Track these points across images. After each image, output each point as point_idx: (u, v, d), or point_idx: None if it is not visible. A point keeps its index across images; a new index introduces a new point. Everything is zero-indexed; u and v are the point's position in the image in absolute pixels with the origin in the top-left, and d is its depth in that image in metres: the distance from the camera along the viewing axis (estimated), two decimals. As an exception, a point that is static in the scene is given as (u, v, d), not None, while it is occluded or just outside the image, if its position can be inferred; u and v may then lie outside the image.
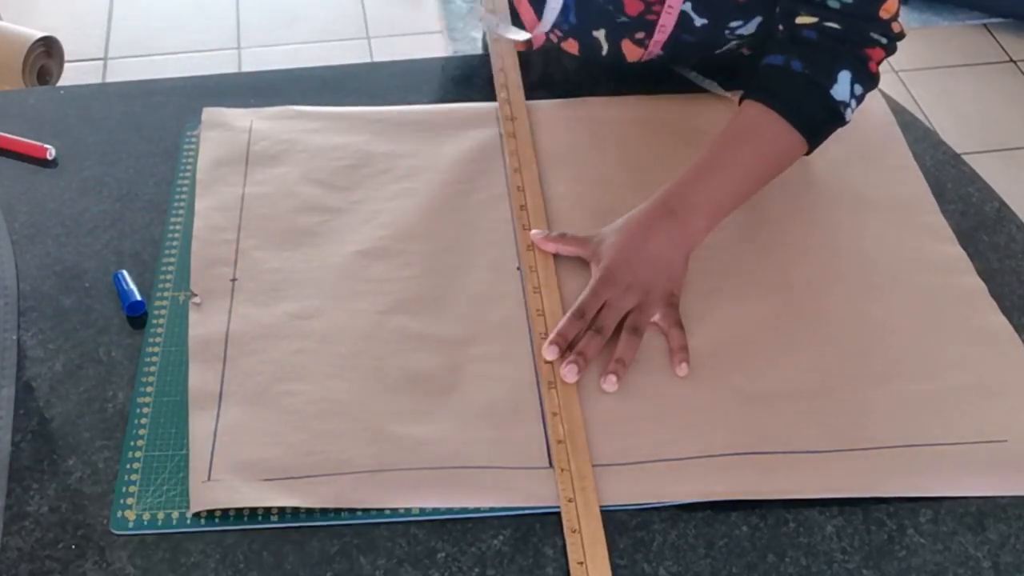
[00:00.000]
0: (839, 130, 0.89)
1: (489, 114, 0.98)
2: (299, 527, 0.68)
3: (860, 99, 0.87)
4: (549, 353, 0.77)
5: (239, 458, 0.70)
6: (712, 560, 0.67)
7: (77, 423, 0.73)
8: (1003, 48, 2.47)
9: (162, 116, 0.99)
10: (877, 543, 0.67)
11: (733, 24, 0.94)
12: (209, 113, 0.98)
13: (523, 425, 0.73)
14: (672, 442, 0.72)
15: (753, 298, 0.82)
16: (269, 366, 0.76)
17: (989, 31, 2.52)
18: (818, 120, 0.86)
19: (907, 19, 2.46)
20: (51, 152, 0.94)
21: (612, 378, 0.75)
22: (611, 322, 0.78)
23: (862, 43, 0.85)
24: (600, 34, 0.98)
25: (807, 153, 0.88)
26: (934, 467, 0.71)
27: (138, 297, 0.80)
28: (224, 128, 0.96)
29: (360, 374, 0.76)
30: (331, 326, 0.79)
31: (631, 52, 0.99)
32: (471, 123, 0.97)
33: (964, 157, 0.97)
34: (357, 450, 0.71)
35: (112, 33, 2.41)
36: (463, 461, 0.70)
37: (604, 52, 1.00)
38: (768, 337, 0.79)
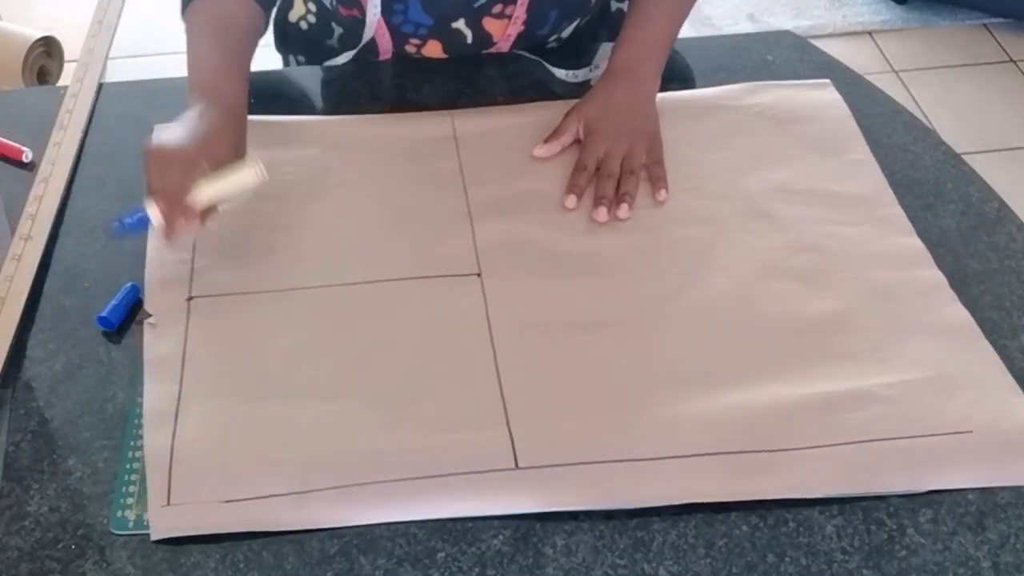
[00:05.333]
0: (799, 127, 0.97)
1: (442, 121, 0.97)
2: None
3: None
4: (569, 202, 0.88)
5: (199, 479, 0.68)
6: (712, 560, 0.67)
7: (77, 423, 0.73)
8: (1003, 48, 2.47)
9: (162, 116, 0.99)
10: (877, 543, 0.68)
11: None
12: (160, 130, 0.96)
13: (487, 428, 0.72)
14: (637, 443, 0.71)
15: (712, 295, 0.81)
16: (227, 386, 0.74)
17: (989, 31, 2.52)
18: None
19: (907, 19, 2.47)
20: (27, 155, 0.94)
21: (624, 207, 0.87)
22: (615, 167, 0.90)
23: None
24: (460, 23, 0.98)
25: None
26: (902, 461, 0.70)
27: (106, 314, 0.79)
28: None
29: (320, 391, 0.74)
30: (289, 345, 0.77)
31: (496, 30, 1.00)
32: (424, 132, 0.95)
33: (964, 157, 0.97)
34: (320, 466, 0.69)
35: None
36: (427, 470, 0.69)
37: (469, 40, 1.00)
38: (729, 335, 0.78)
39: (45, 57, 2.04)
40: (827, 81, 1.03)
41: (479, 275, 0.83)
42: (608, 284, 0.82)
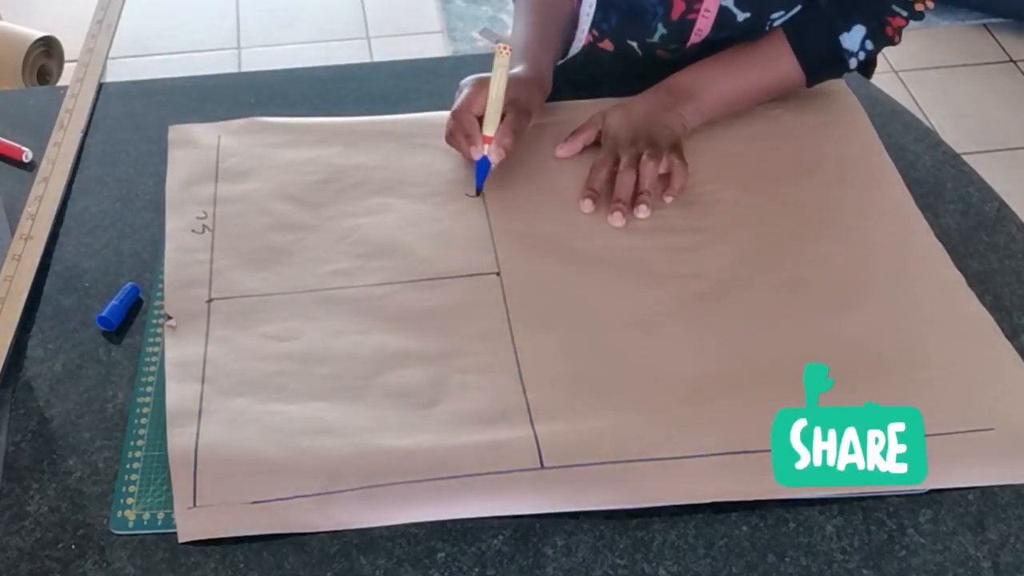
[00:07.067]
0: (818, 126, 0.96)
1: None
2: (299, 527, 0.68)
3: (869, 53, 0.95)
4: (585, 207, 0.87)
5: (225, 480, 0.68)
6: (712, 560, 0.67)
7: (77, 423, 0.73)
8: (1003, 48, 2.47)
9: (162, 116, 0.99)
10: (877, 543, 0.67)
11: (774, 16, 0.95)
12: (175, 131, 0.96)
13: (511, 428, 0.72)
14: (661, 442, 0.71)
15: (732, 296, 0.81)
16: (250, 387, 0.74)
17: (989, 31, 2.52)
18: (820, 60, 0.95)
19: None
20: (27, 155, 0.94)
21: (643, 207, 0.86)
22: (633, 161, 0.88)
23: (883, 11, 0.93)
24: (634, 44, 1.01)
25: (807, 86, 0.97)
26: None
27: (106, 314, 0.79)
28: (192, 146, 0.94)
29: (343, 392, 0.74)
30: (311, 346, 0.77)
31: (664, 54, 1.02)
32: (440, 132, 0.94)
33: (964, 157, 0.97)
34: (344, 467, 0.69)
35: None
36: (452, 470, 0.69)
37: (640, 55, 1.02)
38: (749, 334, 0.78)
39: (45, 57, 2.03)
40: (840, 80, 1.03)
41: (498, 274, 0.83)
42: (628, 283, 0.82)
